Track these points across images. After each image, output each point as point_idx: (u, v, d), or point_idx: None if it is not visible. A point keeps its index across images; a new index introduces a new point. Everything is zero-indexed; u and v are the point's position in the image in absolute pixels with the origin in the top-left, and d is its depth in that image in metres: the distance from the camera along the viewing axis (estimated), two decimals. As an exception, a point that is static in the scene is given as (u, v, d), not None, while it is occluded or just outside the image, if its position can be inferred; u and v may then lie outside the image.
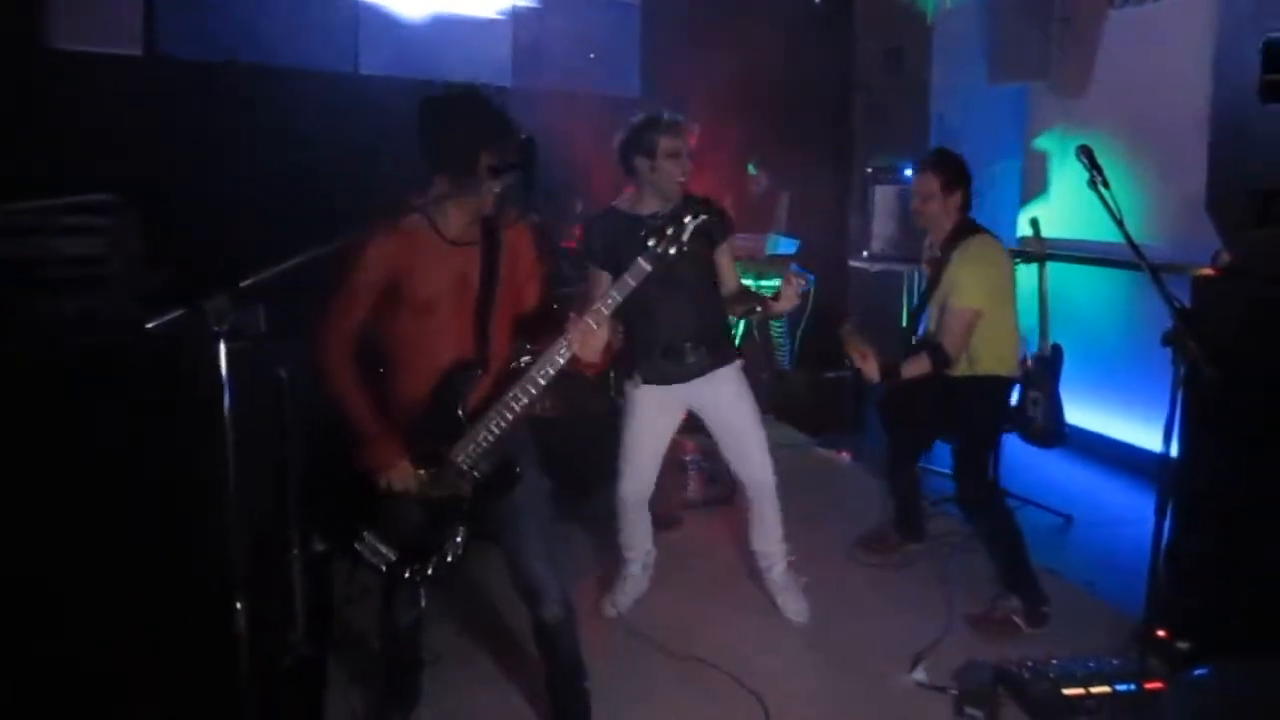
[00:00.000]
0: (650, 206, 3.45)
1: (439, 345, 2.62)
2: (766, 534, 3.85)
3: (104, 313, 2.87)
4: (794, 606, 3.83)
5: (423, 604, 2.84)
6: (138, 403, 2.59)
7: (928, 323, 4.11)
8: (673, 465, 4.98)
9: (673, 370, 3.62)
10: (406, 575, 2.64)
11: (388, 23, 6.03)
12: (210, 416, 1.99)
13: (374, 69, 5.84)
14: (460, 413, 2.62)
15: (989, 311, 3.81)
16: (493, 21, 6.47)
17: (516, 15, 6.55)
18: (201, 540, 2.40)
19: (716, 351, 3.68)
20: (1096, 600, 3.97)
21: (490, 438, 2.60)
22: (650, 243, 2.57)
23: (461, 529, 2.63)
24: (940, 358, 3.79)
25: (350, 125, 5.11)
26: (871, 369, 3.72)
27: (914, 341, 4.13)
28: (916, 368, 3.81)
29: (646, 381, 3.68)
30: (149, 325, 1.86)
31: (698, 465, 4.93)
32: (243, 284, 1.95)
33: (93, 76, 4.93)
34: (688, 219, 2.58)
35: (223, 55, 5.27)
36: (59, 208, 3.16)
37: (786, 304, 3.34)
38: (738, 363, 3.75)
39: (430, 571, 2.63)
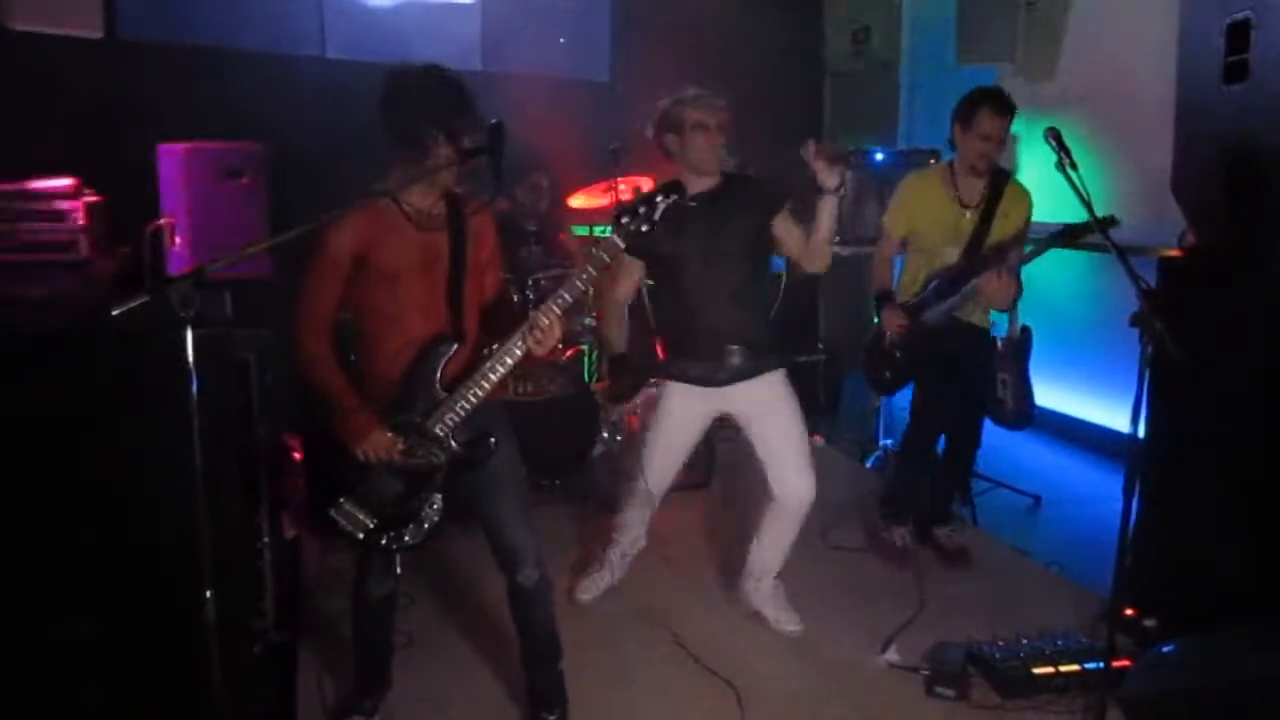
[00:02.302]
0: (692, 187, 3.15)
1: (412, 317, 2.63)
2: (774, 549, 3.57)
3: (69, 297, 2.83)
4: (785, 617, 3.60)
5: (398, 573, 2.85)
6: (103, 388, 2.56)
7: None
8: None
9: (712, 372, 3.36)
10: (383, 543, 2.66)
11: (355, 7, 6.00)
12: (177, 403, 1.97)
13: (341, 53, 5.79)
14: (437, 383, 2.63)
15: None
16: (462, 5, 6.44)
17: (485, -1, 6.52)
18: (169, 528, 2.37)
19: (761, 354, 3.40)
20: (1065, 580, 4.02)
21: (466, 408, 2.61)
22: (623, 219, 2.54)
23: (438, 497, 2.64)
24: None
25: (318, 109, 5.06)
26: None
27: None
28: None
29: (680, 380, 3.43)
30: (115, 312, 1.83)
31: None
32: (207, 268, 1.93)
33: (53, 59, 4.85)
34: (659, 198, 2.54)
35: (185, 38, 5.19)
36: (24, 193, 3.12)
37: (829, 177, 3.08)
38: (783, 369, 3.48)
39: (408, 539, 2.65)
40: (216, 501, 2.10)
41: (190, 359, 1.94)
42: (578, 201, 5.91)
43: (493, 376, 2.59)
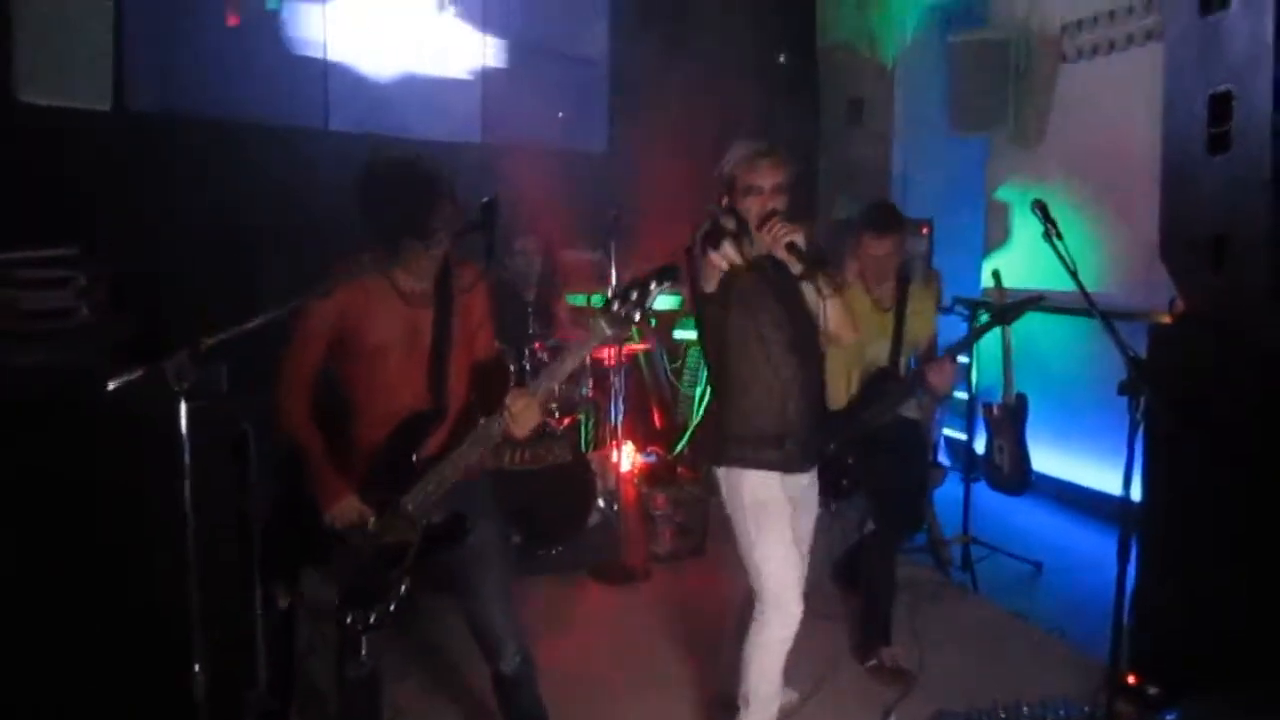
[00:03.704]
0: (756, 250, 2.91)
1: (393, 391, 2.63)
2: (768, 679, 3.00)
3: (67, 366, 2.85)
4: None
5: (363, 653, 2.72)
6: (98, 458, 2.57)
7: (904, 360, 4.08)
8: (641, 518, 4.99)
9: (777, 458, 2.96)
10: (348, 620, 2.59)
11: (357, 80, 6.10)
12: (171, 473, 1.98)
13: (344, 125, 5.89)
14: (414, 460, 2.61)
15: None
16: (462, 81, 6.56)
17: (485, 74, 6.66)
18: (162, 597, 2.37)
19: (811, 445, 3.07)
20: (1067, 646, 3.98)
21: (442, 487, 2.58)
22: (613, 305, 2.42)
23: (406, 579, 2.58)
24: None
25: (320, 181, 5.12)
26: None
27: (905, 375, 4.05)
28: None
29: (749, 466, 2.96)
30: (111, 385, 1.85)
31: (667, 519, 4.92)
32: (205, 343, 1.95)
33: (62, 131, 4.94)
34: (653, 283, 2.41)
35: (192, 110, 5.29)
36: (25, 260, 3.15)
37: (791, 264, 2.79)
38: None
39: (372, 620, 2.58)
40: (210, 571, 2.10)
41: (184, 431, 1.95)
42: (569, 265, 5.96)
43: (471, 457, 2.56)
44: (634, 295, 2.40)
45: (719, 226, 2.73)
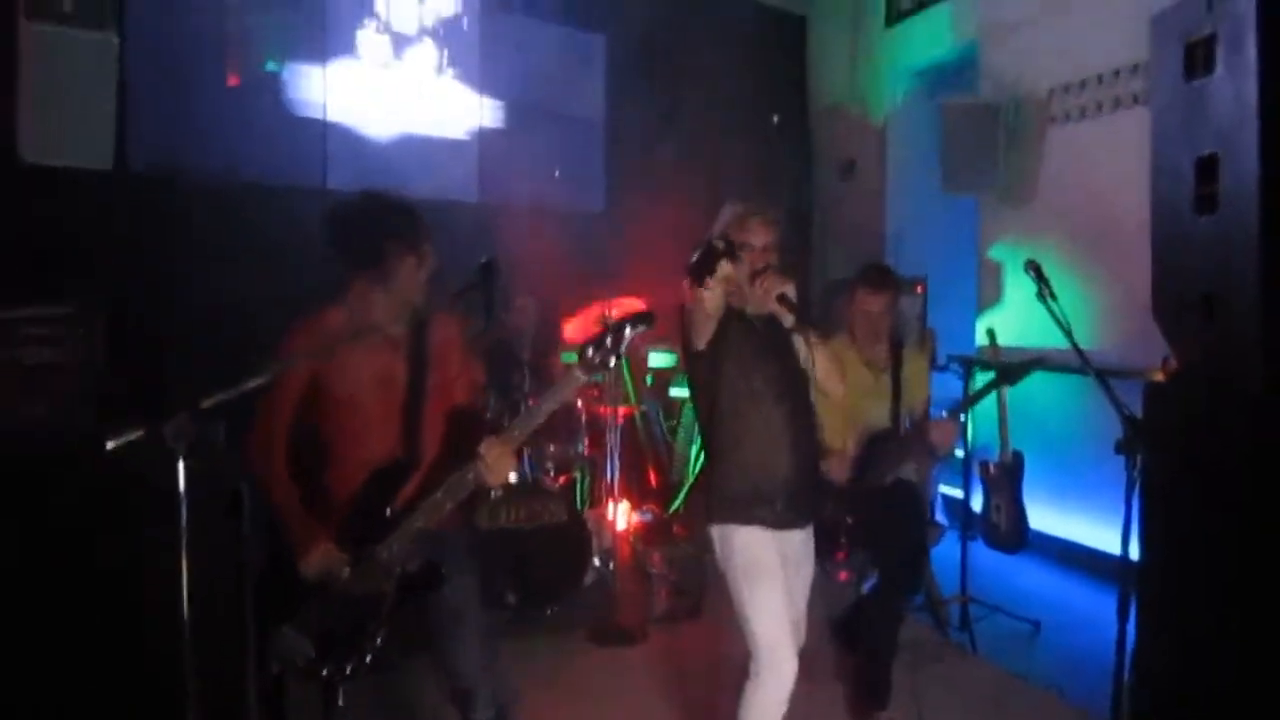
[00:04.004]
0: (750, 304, 2.95)
1: (366, 440, 2.64)
2: None
3: (65, 424, 2.86)
4: None
5: (341, 704, 2.70)
6: (94, 517, 2.56)
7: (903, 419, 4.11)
8: (638, 577, 4.96)
9: (769, 515, 2.92)
10: (324, 673, 2.57)
11: (356, 140, 6.20)
12: (167, 531, 1.98)
13: (342, 184, 5.96)
14: (387, 510, 2.60)
15: None
16: (459, 141, 6.67)
17: (483, 135, 6.77)
18: (155, 657, 2.35)
19: (805, 503, 3.02)
20: (1066, 705, 3.94)
21: (416, 536, 2.57)
22: (588, 351, 2.43)
23: (382, 630, 2.56)
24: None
25: (318, 240, 5.18)
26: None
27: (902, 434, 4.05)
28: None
29: (751, 524, 2.92)
30: (109, 446, 1.86)
31: (664, 578, 4.89)
32: (203, 404, 1.96)
33: (64, 191, 4.99)
34: (627, 328, 2.42)
35: (192, 170, 5.35)
36: (20, 318, 3.16)
37: (781, 316, 2.83)
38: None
39: (349, 670, 2.56)
40: (205, 632, 2.09)
41: (182, 490, 1.96)
42: (571, 329, 6.00)
43: (445, 506, 2.56)
44: (608, 341, 2.42)
45: (711, 248, 2.68)
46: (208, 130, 5.45)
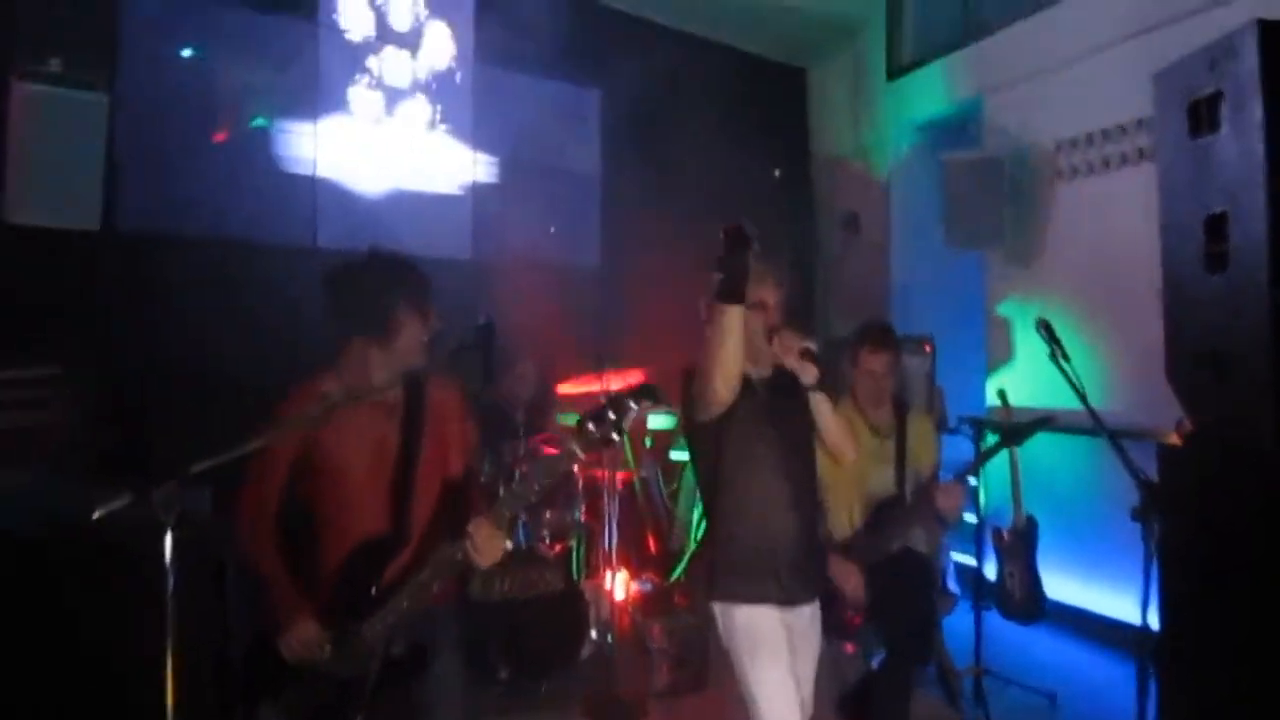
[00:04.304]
0: (746, 366, 2.90)
1: (355, 510, 2.62)
2: None
3: (48, 490, 2.88)
4: None
5: None
6: (79, 587, 2.57)
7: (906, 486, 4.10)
8: (637, 651, 4.92)
9: (774, 590, 2.90)
10: None
11: (347, 197, 6.27)
12: (153, 600, 1.99)
13: (333, 242, 6.01)
14: (373, 589, 2.59)
15: None
16: (452, 196, 6.76)
17: (476, 190, 6.87)
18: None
19: (810, 577, 3.03)
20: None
21: (401, 616, 2.56)
22: (588, 425, 2.38)
23: (363, 713, 2.53)
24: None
25: (307, 298, 5.19)
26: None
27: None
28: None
29: (744, 601, 2.90)
30: (95, 514, 1.88)
31: (664, 651, 4.85)
32: (193, 470, 1.99)
33: (51, 252, 5.03)
34: (631, 402, 2.38)
35: (180, 230, 5.41)
36: (9, 381, 3.20)
37: (802, 373, 2.87)
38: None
39: None
40: (189, 702, 2.09)
41: (168, 561, 1.97)
42: (566, 389, 6.03)
43: (431, 586, 2.54)
44: (610, 415, 2.37)
45: (739, 236, 2.71)
46: (196, 189, 5.52)
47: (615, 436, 2.38)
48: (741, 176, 7.59)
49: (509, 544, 2.57)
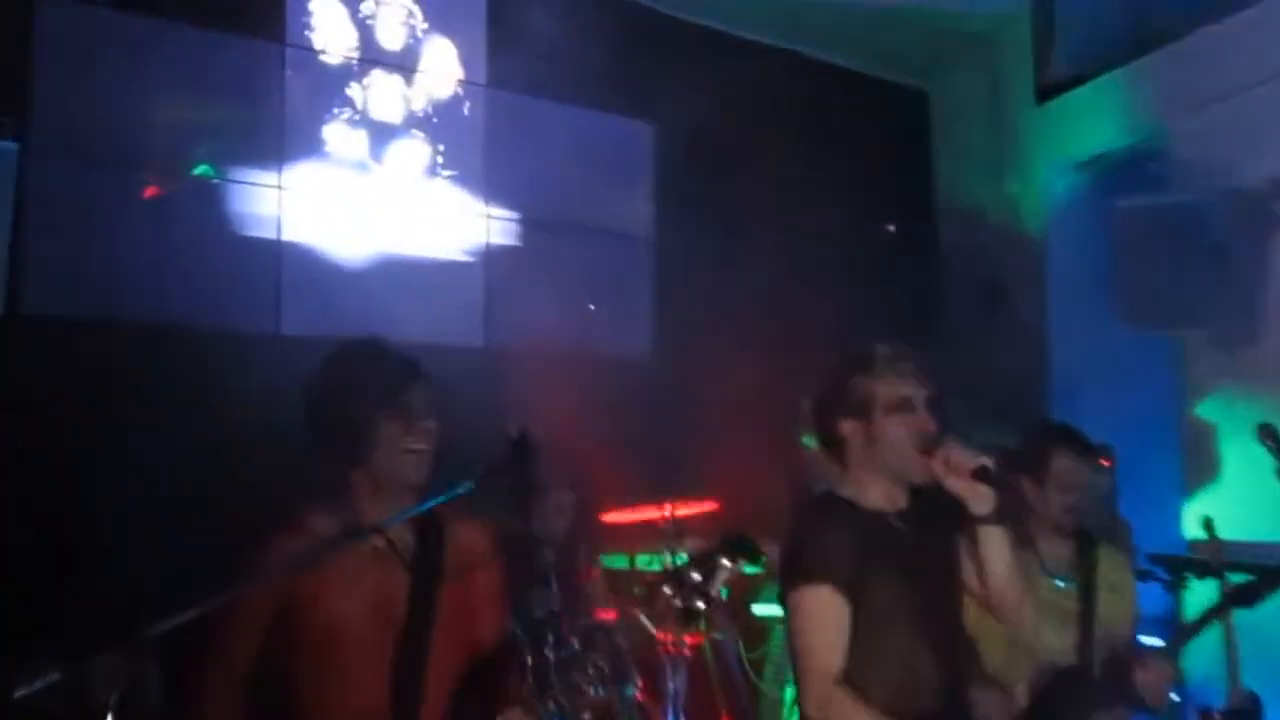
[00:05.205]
0: (877, 495, 3.06)
1: (349, 685, 2.64)
2: None
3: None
4: None
5: None
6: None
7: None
8: None
9: None
10: None
11: (319, 267, 6.32)
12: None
13: (301, 329, 6.08)
14: None
15: None
16: (459, 264, 6.82)
17: (489, 256, 6.92)
18: None
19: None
20: None
21: None
22: (666, 591, 2.41)
23: None
24: None
25: (269, 405, 5.22)
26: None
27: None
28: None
29: None
30: (16, 694, 1.93)
31: None
32: (139, 634, 2.03)
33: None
34: (724, 561, 2.42)
35: (102, 313, 5.49)
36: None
37: (976, 501, 2.92)
38: None
39: None
40: None
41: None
42: (614, 519, 6.02)
43: None
44: (694, 578, 2.40)
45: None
46: (126, 259, 5.59)
47: (701, 606, 2.39)
48: (842, 235, 7.61)
49: None
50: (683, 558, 5.59)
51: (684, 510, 5.52)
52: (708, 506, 5.71)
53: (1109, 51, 7.38)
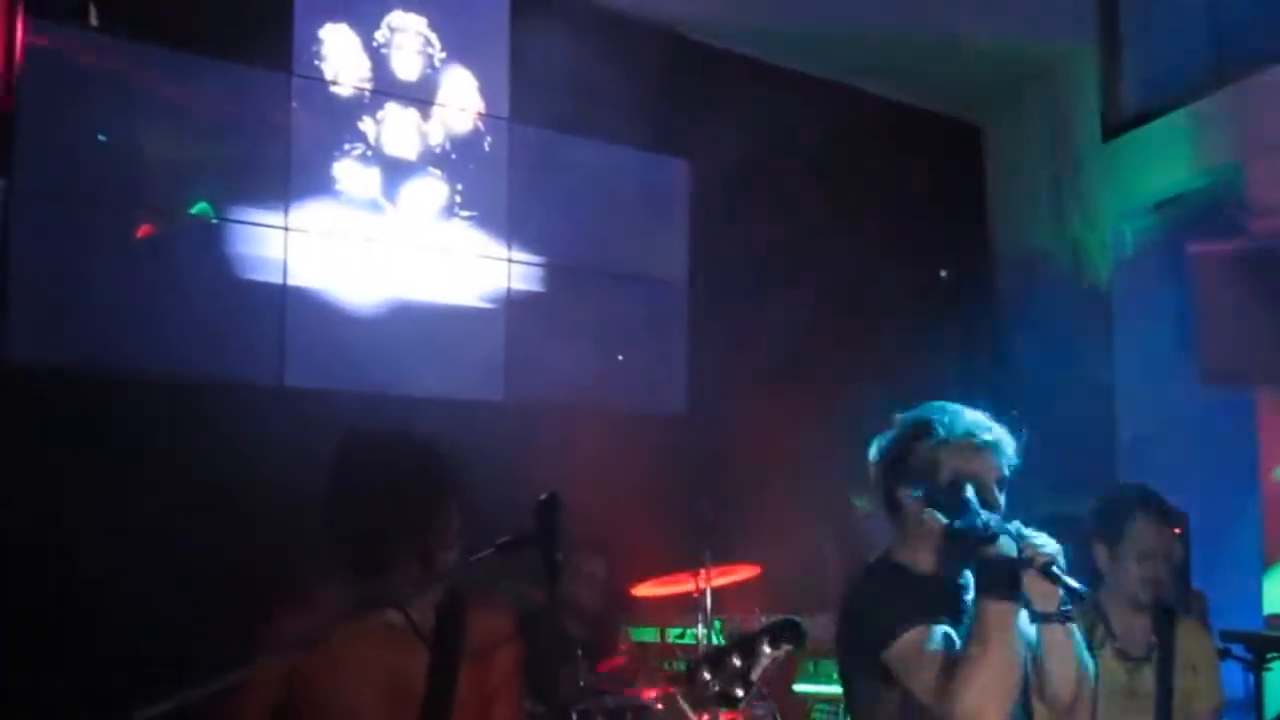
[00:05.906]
0: (932, 560, 3.05)
1: None
2: None
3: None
4: None
5: None
6: None
7: None
8: None
9: None
10: None
11: (326, 316, 6.32)
12: None
13: (306, 381, 6.11)
14: None
15: None
16: (477, 312, 6.82)
17: (510, 303, 6.92)
18: None
19: None
20: None
21: None
22: (704, 674, 2.38)
23: None
24: None
25: (271, 463, 5.21)
26: None
27: None
28: None
29: None
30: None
31: None
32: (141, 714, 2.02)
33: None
34: (766, 646, 2.39)
35: (89, 364, 5.49)
36: None
37: (1040, 597, 2.85)
38: None
39: None
40: None
41: None
42: (645, 591, 5.98)
43: None
44: (735, 661, 2.38)
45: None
46: (117, 306, 5.61)
47: (741, 693, 2.36)
48: (891, 282, 7.59)
49: None
50: (719, 633, 5.57)
51: (720, 579, 5.47)
52: (747, 572, 5.66)
53: (1182, 85, 7.35)
